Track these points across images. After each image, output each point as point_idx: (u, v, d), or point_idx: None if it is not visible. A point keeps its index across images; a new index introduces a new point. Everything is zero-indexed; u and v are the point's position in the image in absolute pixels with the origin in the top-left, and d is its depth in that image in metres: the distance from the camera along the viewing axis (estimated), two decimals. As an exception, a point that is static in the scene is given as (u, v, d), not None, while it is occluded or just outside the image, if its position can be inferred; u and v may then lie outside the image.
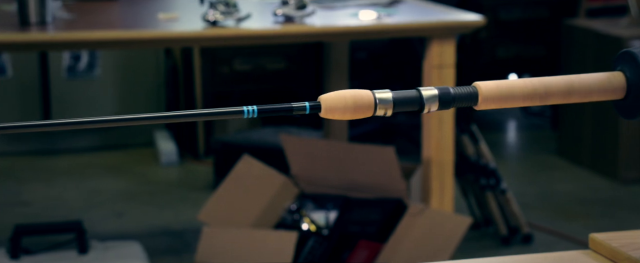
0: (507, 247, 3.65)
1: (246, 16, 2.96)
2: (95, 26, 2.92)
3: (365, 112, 0.99)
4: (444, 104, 0.98)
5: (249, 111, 0.98)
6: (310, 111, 0.99)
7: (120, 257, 3.03)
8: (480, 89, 0.97)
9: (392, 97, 0.98)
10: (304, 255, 3.10)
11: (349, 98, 0.98)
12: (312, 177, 3.28)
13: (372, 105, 0.98)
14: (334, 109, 0.99)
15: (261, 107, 0.98)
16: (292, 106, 0.99)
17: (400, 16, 3.08)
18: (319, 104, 0.99)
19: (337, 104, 0.98)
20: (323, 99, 0.99)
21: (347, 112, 0.98)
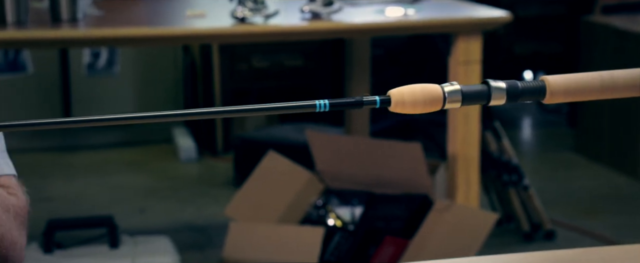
0: (530, 244, 3.66)
1: (274, 13, 2.98)
2: (125, 23, 2.94)
3: (435, 105, 1.00)
4: (512, 97, 0.99)
5: (321, 105, 1.00)
6: (380, 105, 1.01)
7: (151, 251, 3.05)
8: (548, 83, 0.99)
9: (461, 91, 1.00)
10: (331, 251, 3.12)
11: (419, 92, 1.00)
12: (337, 173, 3.30)
13: (441, 99, 1.00)
14: (403, 103, 1.00)
15: (333, 101, 1.00)
16: (363, 100, 1.01)
17: (426, 12, 3.10)
18: (389, 98, 1.01)
19: (407, 97, 1.00)
20: (393, 93, 1.01)
21: (417, 105, 1.00)
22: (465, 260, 1.28)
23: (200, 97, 5.06)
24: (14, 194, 1.16)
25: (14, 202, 1.15)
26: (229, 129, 4.98)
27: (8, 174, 1.18)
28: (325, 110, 1.00)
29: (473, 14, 3.07)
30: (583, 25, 4.75)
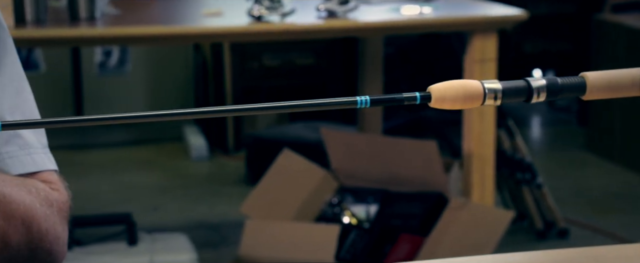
0: (543, 242, 3.67)
1: (290, 11, 2.99)
2: (142, 22, 2.95)
3: (475, 101, 1.01)
4: (552, 93, 1.00)
5: (362, 101, 1.01)
6: (420, 101, 1.01)
7: (169, 248, 3.07)
8: (588, 79, 1.00)
9: (502, 87, 1.00)
10: (346, 248, 3.13)
11: (459, 88, 1.01)
12: (352, 171, 3.31)
13: (482, 95, 1.01)
14: (444, 99, 1.01)
15: (373, 98, 1.01)
16: (403, 96, 1.01)
17: (442, 11, 3.10)
18: (429, 94, 1.01)
19: (447, 93, 1.01)
20: (433, 89, 1.01)
21: (457, 101, 1.01)
22: (480, 258, 1.28)
23: (211, 96, 5.07)
24: (56, 189, 1.18)
25: (56, 197, 1.16)
26: (239, 128, 4.99)
27: (50, 170, 1.19)
28: (366, 106, 1.01)
29: (489, 12, 3.08)
30: (594, 24, 4.75)
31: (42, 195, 1.13)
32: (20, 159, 1.15)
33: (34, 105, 1.21)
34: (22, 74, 1.21)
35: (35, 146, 1.18)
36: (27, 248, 1.11)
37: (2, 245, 1.08)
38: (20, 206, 1.09)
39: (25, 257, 1.11)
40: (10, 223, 1.08)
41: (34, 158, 1.17)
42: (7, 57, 1.19)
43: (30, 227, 1.11)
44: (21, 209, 1.09)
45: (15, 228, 1.09)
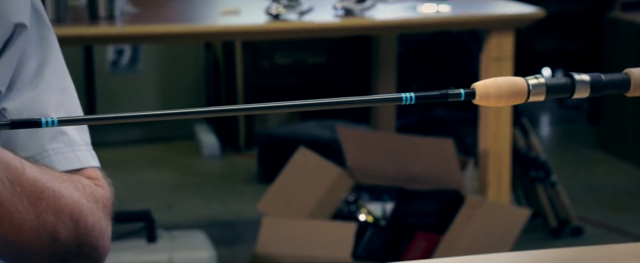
0: (557, 240, 3.68)
1: (308, 9, 3.00)
2: (160, 20, 2.96)
3: (519, 98, 1.02)
4: (596, 90, 1.01)
5: (407, 98, 1.02)
6: (465, 98, 1.02)
7: (188, 245, 3.08)
8: (633, 76, 1.01)
9: (545, 83, 1.02)
10: (363, 246, 3.14)
11: (504, 84, 1.02)
12: (367, 169, 3.32)
13: (526, 92, 1.02)
14: (488, 96, 1.02)
15: (418, 94, 1.02)
16: (448, 93, 1.02)
17: (458, 9, 3.11)
18: (474, 90, 1.02)
19: (492, 90, 1.02)
20: (477, 86, 1.02)
21: (502, 98, 1.02)
22: (495, 256, 1.29)
23: (222, 94, 5.08)
24: (100, 186, 1.19)
25: (101, 193, 1.18)
26: (251, 126, 5.00)
27: (94, 166, 1.20)
28: (411, 102, 1.02)
29: (506, 10, 3.09)
30: (606, 22, 4.76)
31: (88, 191, 1.15)
32: (65, 156, 1.16)
33: (77, 103, 1.22)
34: (65, 72, 1.22)
35: (79, 143, 1.19)
36: (75, 244, 1.12)
37: (51, 240, 1.09)
38: (69, 201, 1.10)
39: (73, 252, 1.13)
40: (60, 219, 1.09)
41: (78, 155, 1.18)
42: (51, 55, 1.20)
43: (78, 222, 1.12)
44: (70, 205, 1.11)
45: (64, 224, 1.10)
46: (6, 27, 1.15)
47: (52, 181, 1.09)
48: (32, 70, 1.17)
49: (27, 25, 1.17)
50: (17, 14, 1.15)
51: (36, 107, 1.15)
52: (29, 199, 1.06)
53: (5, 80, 1.15)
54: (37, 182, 1.07)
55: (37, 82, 1.17)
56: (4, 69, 1.15)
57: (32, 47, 1.17)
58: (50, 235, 1.09)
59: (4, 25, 1.14)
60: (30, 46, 1.17)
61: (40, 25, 1.20)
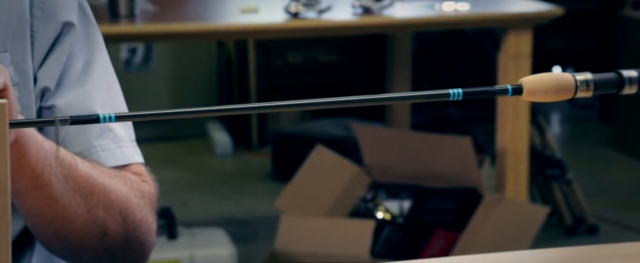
0: (573, 238, 3.69)
1: (327, 8, 3.01)
2: (180, 18, 2.98)
3: (567, 93, 1.03)
4: (643, 86, 1.02)
5: (454, 94, 1.03)
6: (512, 94, 1.03)
7: (209, 243, 3.10)
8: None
9: (593, 79, 1.03)
10: (381, 244, 3.15)
11: (551, 80, 1.03)
12: (384, 167, 3.33)
13: (573, 87, 1.03)
14: (535, 91, 1.03)
15: (466, 90, 1.03)
16: (495, 89, 1.03)
17: (477, 7, 3.12)
18: (520, 86, 1.03)
19: (539, 86, 1.03)
20: (525, 81, 1.03)
21: (549, 94, 1.03)
22: (514, 254, 1.30)
23: (235, 93, 5.09)
24: (146, 181, 1.21)
25: (147, 189, 1.19)
26: (263, 124, 5.01)
27: (139, 162, 1.22)
28: (458, 98, 1.03)
29: (524, 8, 3.10)
30: (619, 20, 4.77)
31: (136, 187, 1.16)
32: (112, 152, 1.18)
33: (122, 100, 1.24)
34: (111, 69, 1.24)
35: (125, 139, 1.21)
36: (123, 238, 1.14)
37: (101, 234, 1.11)
38: (118, 197, 1.12)
39: (121, 247, 1.14)
40: (110, 214, 1.11)
41: (124, 152, 1.20)
42: (97, 53, 1.22)
43: (127, 217, 1.13)
44: (119, 200, 1.12)
45: (114, 219, 1.12)
46: (55, 26, 1.16)
47: (103, 177, 1.10)
48: (79, 68, 1.19)
49: (74, 23, 1.18)
50: (65, 12, 1.17)
51: (84, 104, 1.17)
52: (82, 194, 1.07)
53: (54, 78, 1.17)
54: (89, 178, 1.08)
55: (84, 79, 1.18)
56: (53, 66, 1.16)
57: (79, 45, 1.19)
58: (100, 229, 1.11)
59: (52, 24, 1.16)
60: (77, 44, 1.19)
61: (87, 24, 1.21)
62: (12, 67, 1.13)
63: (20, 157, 0.98)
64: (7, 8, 1.14)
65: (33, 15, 1.15)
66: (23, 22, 1.15)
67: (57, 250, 1.13)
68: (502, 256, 1.30)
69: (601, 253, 1.27)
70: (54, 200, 1.05)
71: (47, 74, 1.16)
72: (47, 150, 1.02)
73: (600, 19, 5.28)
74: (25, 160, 0.99)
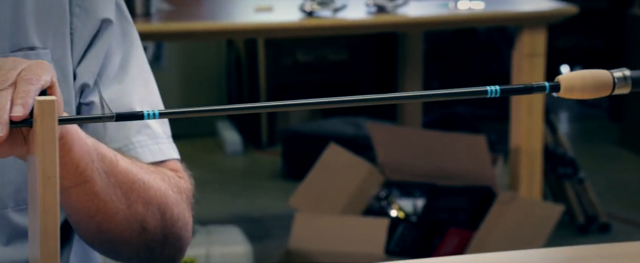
0: (585, 236, 3.69)
1: (342, 6, 3.02)
2: (195, 17, 2.99)
3: (604, 91, 1.04)
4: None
5: (492, 91, 1.04)
6: (549, 91, 1.04)
7: (225, 240, 3.11)
8: None
9: (631, 76, 1.04)
10: (395, 242, 3.16)
11: (589, 78, 1.04)
12: (398, 165, 3.34)
13: (611, 84, 1.04)
14: (572, 89, 1.04)
15: (503, 87, 1.04)
16: (533, 86, 1.04)
17: (491, 6, 3.13)
18: (558, 83, 1.04)
19: (576, 83, 1.04)
20: (562, 78, 1.04)
21: (586, 91, 1.04)
22: (528, 252, 1.30)
23: (244, 91, 5.10)
24: (182, 177, 1.22)
25: (184, 185, 1.20)
26: (273, 123, 5.02)
27: (175, 158, 1.23)
28: (496, 95, 1.04)
29: (539, 7, 3.11)
30: (629, 19, 4.77)
31: (173, 183, 1.17)
32: (149, 148, 1.19)
33: (158, 96, 1.25)
34: (147, 66, 1.25)
35: (162, 136, 1.22)
36: (161, 234, 1.15)
37: (140, 229, 1.12)
38: (157, 193, 1.13)
39: (159, 242, 1.15)
40: (149, 209, 1.12)
41: (161, 148, 1.21)
42: (133, 50, 1.23)
43: (165, 212, 1.15)
44: (158, 196, 1.13)
45: (153, 214, 1.13)
46: (93, 23, 1.17)
47: (142, 173, 1.11)
48: (116, 64, 1.20)
49: (112, 20, 1.19)
50: (103, 9, 1.18)
51: (122, 101, 1.18)
52: (122, 190, 1.08)
53: (93, 75, 1.18)
54: (129, 174, 1.09)
55: (121, 76, 1.19)
56: (92, 63, 1.17)
57: (116, 42, 1.20)
58: (139, 224, 1.12)
59: (91, 21, 1.17)
60: (114, 41, 1.20)
61: (123, 21, 1.22)
62: (53, 64, 1.14)
63: (64, 153, 0.99)
64: (48, 6, 1.16)
65: (72, 13, 1.17)
66: (63, 20, 1.16)
67: (97, 245, 1.14)
68: (516, 254, 1.30)
69: (614, 252, 1.27)
70: (96, 196, 1.05)
71: (86, 70, 1.17)
72: (90, 147, 1.03)
73: (609, 18, 5.28)
74: (69, 156, 1.00)
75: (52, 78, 0.95)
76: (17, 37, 1.14)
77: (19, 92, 0.91)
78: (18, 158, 0.99)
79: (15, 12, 1.14)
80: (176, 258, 1.20)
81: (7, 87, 0.92)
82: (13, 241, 1.15)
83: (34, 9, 1.15)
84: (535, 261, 1.27)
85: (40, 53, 1.14)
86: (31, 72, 0.93)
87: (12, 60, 0.95)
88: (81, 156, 1.02)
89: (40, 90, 0.93)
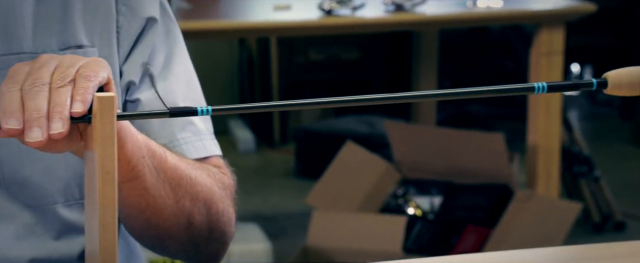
0: (600, 235, 3.70)
1: (360, 5, 3.02)
2: (214, 16, 2.99)
3: (651, 87, 1.05)
4: None
5: (539, 87, 1.04)
6: (596, 87, 1.05)
7: (244, 238, 3.11)
8: None
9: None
10: (412, 239, 3.16)
11: (636, 74, 1.04)
12: (415, 163, 3.35)
13: (659, 81, 1.04)
14: (620, 85, 1.04)
15: (551, 84, 1.04)
16: (580, 82, 1.05)
17: (510, 4, 3.14)
18: (605, 80, 1.05)
19: (624, 80, 1.04)
20: (610, 75, 1.05)
21: (634, 87, 1.04)
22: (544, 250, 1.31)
23: (257, 90, 5.11)
24: (225, 174, 1.23)
25: (227, 181, 1.21)
26: (285, 121, 5.03)
27: (218, 155, 1.24)
28: (543, 92, 1.04)
29: (557, 4, 3.11)
30: None
31: (217, 178, 1.18)
32: (193, 145, 1.20)
33: (201, 93, 1.26)
34: (190, 64, 1.26)
35: (205, 132, 1.23)
36: (207, 229, 1.16)
37: (187, 224, 1.13)
38: (203, 188, 1.14)
39: (204, 237, 1.16)
40: (195, 205, 1.13)
41: (205, 144, 1.22)
42: (177, 48, 1.24)
43: (211, 208, 1.16)
44: (204, 191, 1.14)
45: (199, 209, 1.14)
46: (139, 21, 1.19)
47: (189, 169, 1.12)
48: (161, 62, 1.21)
49: (157, 18, 1.20)
50: (148, 8, 1.20)
51: (166, 98, 1.19)
52: (171, 185, 1.09)
53: (139, 72, 1.19)
54: (177, 170, 1.10)
55: (166, 74, 1.21)
56: (137, 61, 1.19)
57: (160, 40, 1.21)
58: (187, 220, 1.13)
59: (137, 20, 1.18)
60: (158, 39, 1.21)
61: (166, 19, 1.24)
62: None
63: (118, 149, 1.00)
64: (95, 5, 1.17)
65: (118, 11, 1.18)
66: (109, 18, 1.17)
67: (145, 239, 1.15)
68: (534, 252, 1.31)
69: (630, 250, 1.27)
70: (146, 191, 1.06)
71: (132, 68, 1.18)
72: (141, 143, 1.04)
73: (622, 16, 5.28)
74: (123, 152, 1.01)
75: (108, 75, 0.96)
76: (65, 35, 1.16)
77: (79, 89, 0.92)
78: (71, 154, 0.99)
79: (63, 11, 1.16)
80: (219, 254, 1.21)
81: (66, 84, 0.93)
82: (63, 236, 1.16)
83: (81, 8, 1.17)
84: (553, 259, 1.28)
85: (88, 51, 1.15)
86: (89, 69, 0.94)
87: (69, 58, 0.96)
88: (133, 152, 1.02)
89: (98, 87, 0.94)
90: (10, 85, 0.93)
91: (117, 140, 0.96)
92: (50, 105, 0.92)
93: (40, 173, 1.13)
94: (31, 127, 0.90)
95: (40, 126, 0.90)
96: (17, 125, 0.91)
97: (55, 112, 0.91)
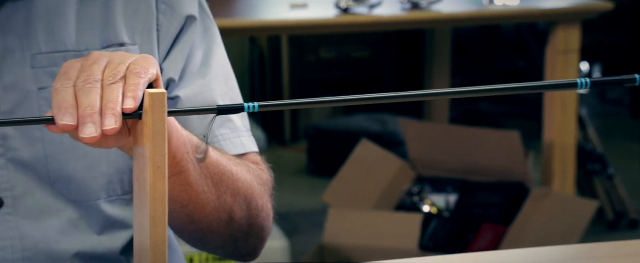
0: (614, 232, 3.70)
1: (377, 3, 3.03)
2: (230, 14, 3.00)
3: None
4: None
5: (582, 83, 1.05)
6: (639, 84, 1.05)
7: (263, 236, 3.11)
8: None
9: None
10: (428, 237, 3.17)
11: (678, 71, 1.05)
12: (430, 161, 3.35)
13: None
14: (662, 81, 1.05)
15: (593, 80, 1.05)
16: (622, 78, 1.05)
17: (526, 2, 3.14)
18: (648, 76, 1.05)
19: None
20: (652, 71, 1.05)
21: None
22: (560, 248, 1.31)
23: (268, 88, 5.12)
24: (263, 170, 1.24)
25: (265, 177, 1.23)
26: (296, 119, 5.04)
27: (255, 152, 1.25)
28: (586, 88, 1.05)
29: (574, 2, 3.11)
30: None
31: (257, 175, 1.19)
32: (232, 141, 1.21)
33: (239, 91, 1.27)
34: (227, 62, 1.27)
35: (242, 129, 1.24)
36: (247, 224, 1.17)
37: (228, 219, 1.14)
38: (244, 184, 1.15)
39: (244, 232, 1.17)
40: (236, 200, 1.14)
41: (243, 141, 1.23)
42: (215, 46, 1.25)
43: (250, 204, 1.17)
44: (244, 187, 1.15)
45: (240, 205, 1.15)
46: (179, 20, 1.20)
47: (230, 165, 1.13)
48: (199, 60, 1.22)
49: (196, 17, 1.22)
50: (188, 7, 1.21)
51: (205, 95, 1.20)
52: (213, 181, 1.10)
53: (178, 70, 1.20)
54: (219, 165, 1.11)
55: (204, 71, 1.22)
56: (177, 59, 1.20)
57: (198, 38, 1.23)
58: (228, 215, 1.14)
59: (177, 18, 1.20)
60: (197, 38, 1.22)
61: (205, 18, 1.25)
62: None
63: None
64: (136, 4, 1.18)
65: (159, 10, 1.19)
66: (150, 17, 1.19)
67: (186, 235, 1.16)
68: (551, 250, 1.31)
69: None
70: (190, 186, 1.07)
71: (172, 66, 1.19)
72: (185, 138, 1.05)
73: (631, 15, 5.28)
74: (169, 147, 1.02)
75: (157, 71, 0.97)
76: (107, 34, 1.17)
77: (130, 86, 0.93)
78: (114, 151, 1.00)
79: (105, 10, 1.17)
80: (258, 249, 1.22)
81: (118, 81, 0.94)
82: (106, 230, 1.18)
83: (122, 7, 1.18)
84: (570, 257, 1.28)
85: (130, 49, 1.17)
86: (139, 66, 0.95)
87: (120, 55, 0.97)
88: (178, 147, 1.03)
89: (148, 83, 0.95)
90: (64, 81, 0.94)
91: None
92: (103, 101, 0.93)
93: (84, 169, 1.14)
94: (85, 123, 0.91)
95: (94, 122, 0.91)
96: (72, 121, 0.92)
97: (108, 109, 0.92)
